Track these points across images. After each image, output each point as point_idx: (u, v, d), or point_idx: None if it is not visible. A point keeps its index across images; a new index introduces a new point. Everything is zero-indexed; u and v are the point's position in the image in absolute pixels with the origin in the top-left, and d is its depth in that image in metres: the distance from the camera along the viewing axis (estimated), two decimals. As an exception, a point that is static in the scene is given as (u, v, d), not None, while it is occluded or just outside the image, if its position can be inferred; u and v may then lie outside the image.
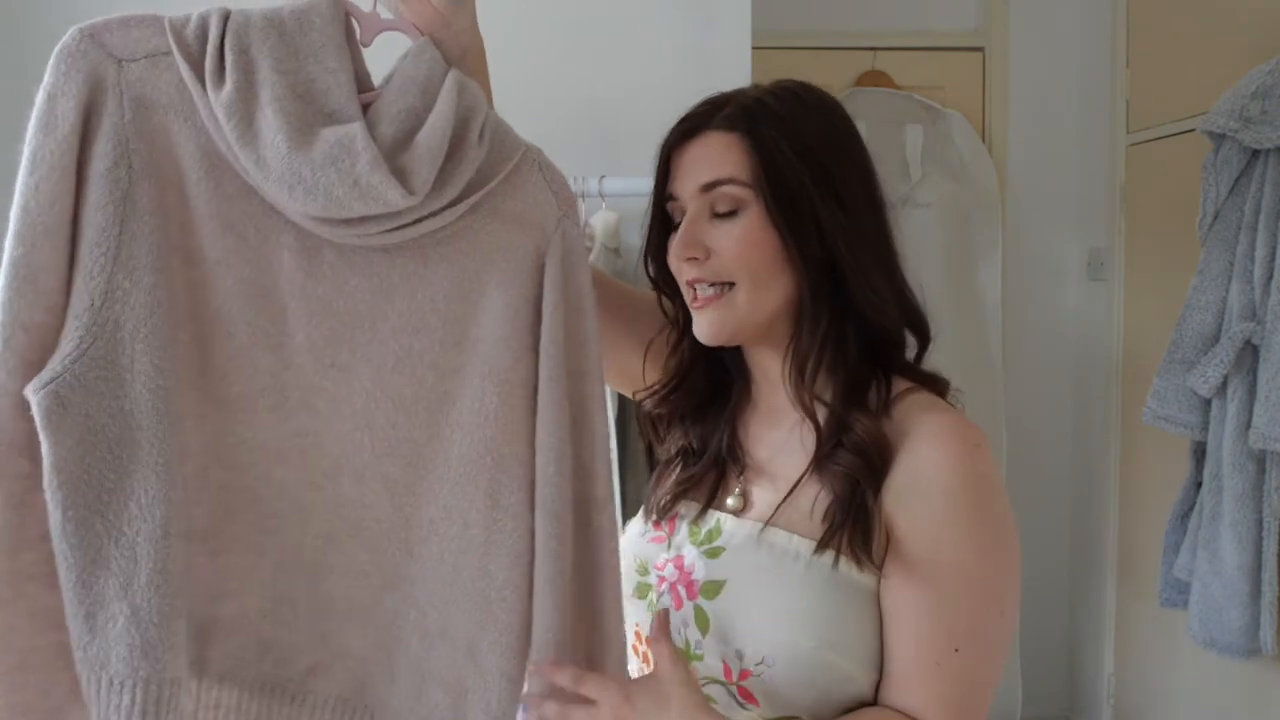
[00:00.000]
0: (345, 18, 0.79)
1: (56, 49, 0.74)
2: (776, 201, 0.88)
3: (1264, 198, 1.78)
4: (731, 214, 0.90)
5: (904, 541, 0.86)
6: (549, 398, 0.83)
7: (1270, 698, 2.07)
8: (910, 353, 0.96)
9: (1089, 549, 2.85)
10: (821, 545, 0.86)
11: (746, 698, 0.88)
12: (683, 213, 0.93)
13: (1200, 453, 1.95)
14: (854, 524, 0.85)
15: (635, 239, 2.00)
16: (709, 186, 0.90)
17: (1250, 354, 1.80)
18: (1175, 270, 2.22)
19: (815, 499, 0.89)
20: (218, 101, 0.73)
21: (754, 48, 2.01)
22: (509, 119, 0.87)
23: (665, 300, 1.00)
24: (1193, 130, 1.98)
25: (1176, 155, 2.39)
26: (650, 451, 1.07)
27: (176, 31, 0.75)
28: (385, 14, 0.84)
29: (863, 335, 0.91)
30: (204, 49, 0.75)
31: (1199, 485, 1.95)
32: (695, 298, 0.92)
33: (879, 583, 0.87)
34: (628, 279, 1.99)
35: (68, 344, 0.72)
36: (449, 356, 0.82)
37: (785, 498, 0.91)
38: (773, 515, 0.91)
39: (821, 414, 0.90)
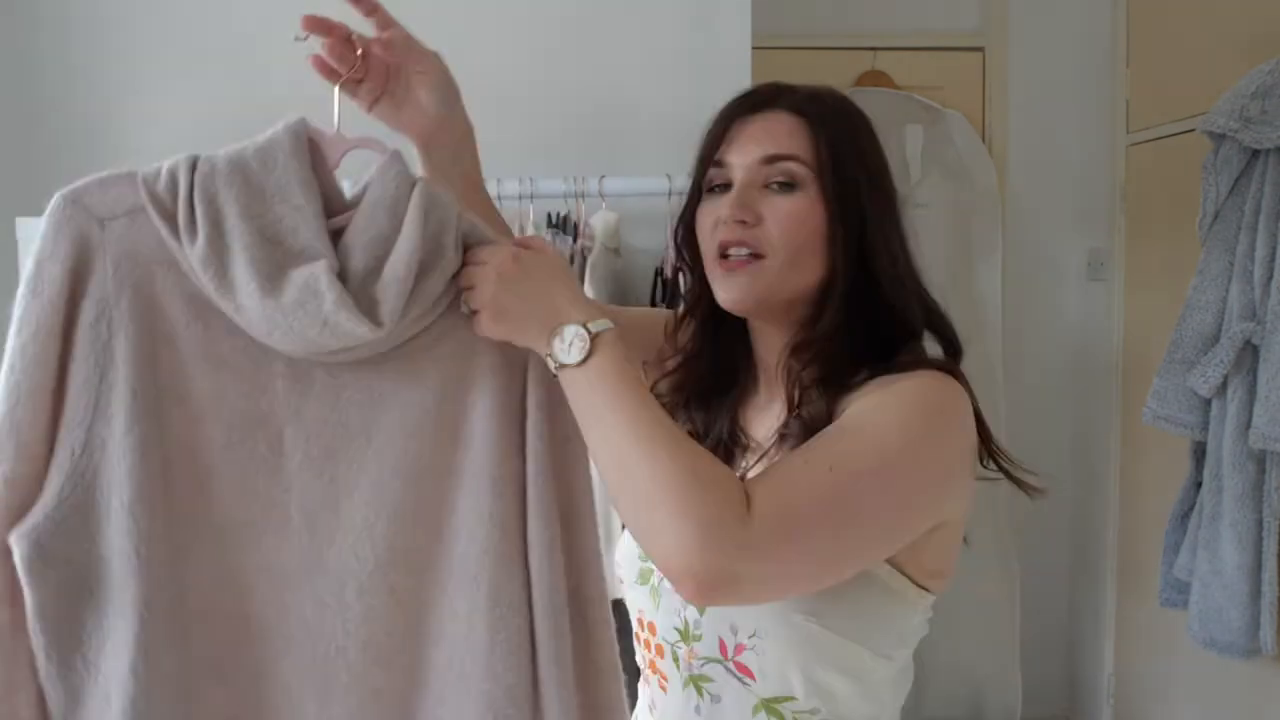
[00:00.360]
0: (308, 146, 0.81)
1: (45, 216, 0.77)
2: (834, 186, 0.92)
3: (1264, 198, 1.78)
4: (787, 189, 0.93)
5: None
6: (538, 495, 0.83)
7: (1270, 698, 2.07)
8: None
9: (1089, 549, 2.86)
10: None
11: (744, 672, 0.90)
12: (725, 181, 0.96)
13: (1200, 453, 1.95)
14: None
15: (635, 239, 2.00)
16: (771, 159, 0.93)
17: (1250, 354, 1.80)
18: (1175, 270, 2.23)
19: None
20: (193, 255, 0.76)
21: (754, 48, 2.01)
22: (511, 120, 0.87)
23: (684, 275, 1.02)
24: (1193, 130, 1.98)
25: (1176, 155, 2.39)
26: None
27: (149, 187, 0.77)
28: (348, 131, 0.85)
29: (871, 329, 0.93)
30: (175, 202, 0.77)
31: (1199, 485, 1.95)
32: (727, 260, 0.94)
33: None
34: (627, 279, 1.99)
35: (49, 492, 0.76)
36: (444, 458, 0.83)
37: (759, 459, 0.93)
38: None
39: (797, 393, 0.93)
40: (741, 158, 0.94)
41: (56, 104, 1.94)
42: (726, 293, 0.94)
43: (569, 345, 0.79)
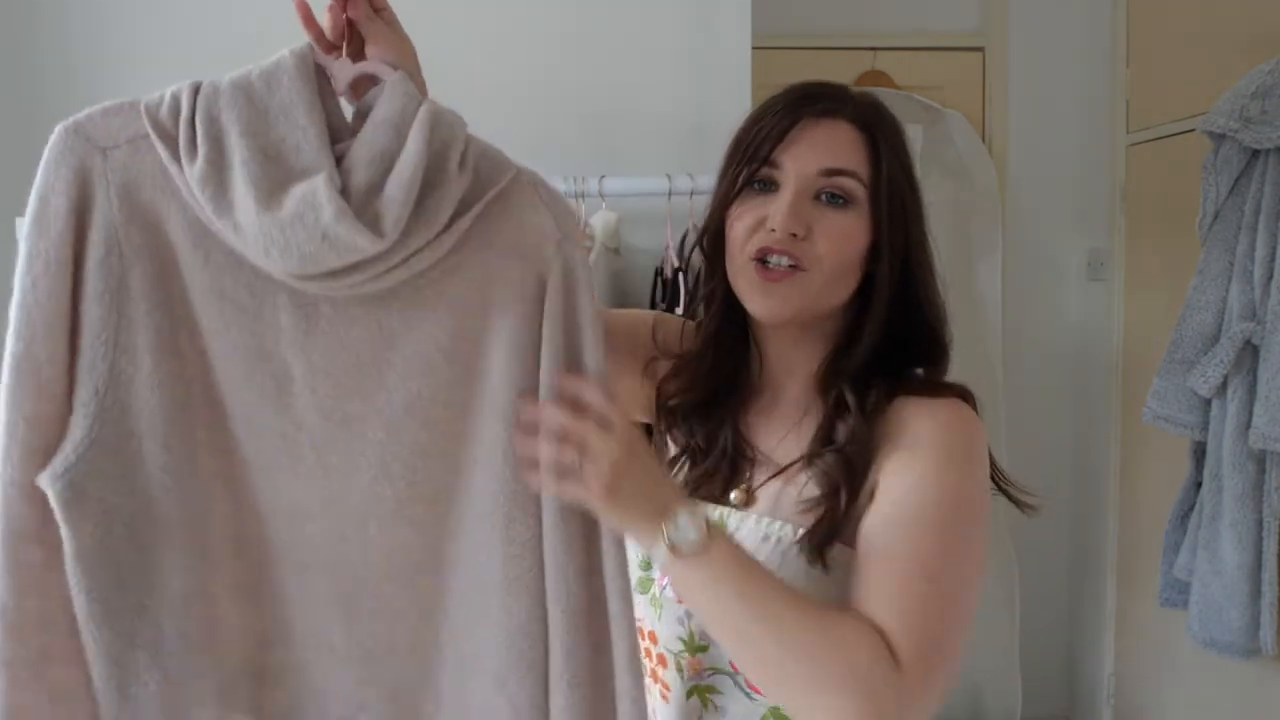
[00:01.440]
0: (314, 71, 0.79)
1: (46, 149, 0.76)
2: (887, 207, 0.92)
3: (1264, 198, 1.78)
4: (840, 206, 0.92)
5: (884, 491, 0.87)
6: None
7: (1270, 698, 2.07)
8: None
9: (1089, 549, 2.85)
10: (804, 540, 0.88)
11: (753, 688, 0.89)
12: (774, 182, 0.93)
13: (1200, 453, 1.95)
14: (822, 529, 0.87)
15: (635, 239, 2.00)
16: (831, 172, 0.91)
17: (1250, 354, 1.80)
18: (1175, 270, 2.23)
19: (804, 487, 0.91)
20: (192, 175, 0.74)
21: (754, 48, 2.01)
22: (510, 120, 0.86)
23: (704, 269, 1.00)
24: (1193, 130, 1.98)
25: (1176, 155, 2.39)
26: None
27: (151, 113, 0.76)
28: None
29: (897, 345, 0.94)
30: (178, 125, 0.76)
31: (1199, 485, 1.95)
32: (766, 269, 0.91)
33: (846, 551, 0.88)
34: (628, 279, 1.99)
35: (77, 432, 0.75)
36: (458, 394, 0.81)
37: (774, 475, 0.93)
38: (771, 507, 0.93)
39: (828, 405, 0.93)
40: (799, 164, 0.91)
41: (56, 104, 1.94)
42: (764, 302, 0.92)
43: (683, 531, 0.79)
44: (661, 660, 0.96)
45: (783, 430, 0.97)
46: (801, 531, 0.89)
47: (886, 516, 0.86)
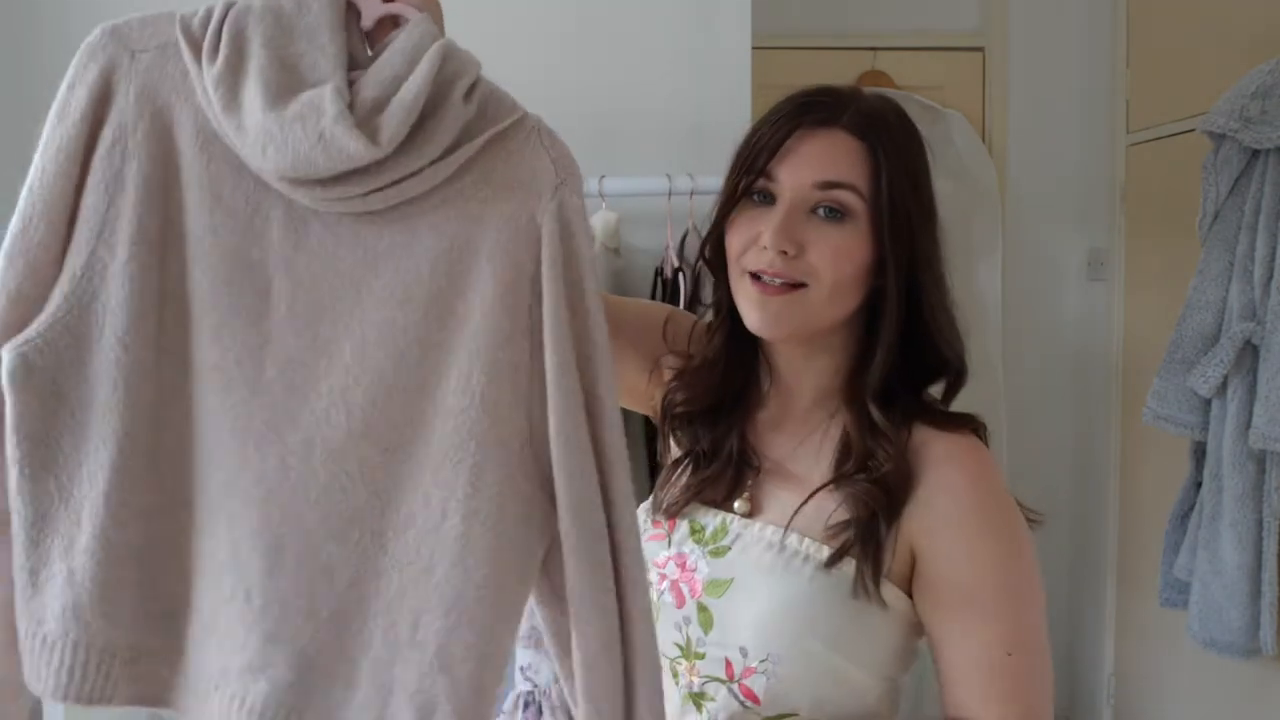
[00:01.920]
0: (343, 3, 0.80)
1: (83, 44, 0.80)
2: (888, 220, 0.88)
3: (1264, 198, 1.78)
4: (836, 220, 0.88)
5: (935, 568, 0.88)
6: (562, 385, 0.77)
7: (1270, 698, 2.07)
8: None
9: (1089, 549, 2.85)
10: (831, 564, 0.88)
11: (748, 696, 0.89)
12: (772, 194, 0.91)
13: (1200, 453, 1.95)
14: (865, 554, 0.87)
15: (635, 239, 2.00)
16: (826, 185, 0.88)
17: (1250, 354, 1.80)
18: (1175, 270, 2.22)
19: (832, 511, 0.90)
20: (209, 74, 0.76)
21: (754, 48, 2.01)
22: None
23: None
24: (1193, 130, 1.98)
25: (1176, 155, 2.39)
26: (650, 458, 1.07)
27: (184, 22, 0.79)
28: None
29: (912, 363, 0.93)
30: (205, 32, 0.78)
31: (1199, 485, 1.95)
32: (760, 283, 0.90)
33: (898, 597, 0.89)
34: (628, 279, 1.99)
35: (45, 312, 0.77)
36: (433, 332, 0.78)
37: (799, 508, 0.91)
38: (790, 519, 0.91)
39: (860, 427, 0.91)
40: (793, 177, 0.89)
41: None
42: (760, 317, 0.90)
43: None
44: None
45: (794, 441, 0.96)
46: (827, 551, 0.88)
47: (949, 601, 0.88)
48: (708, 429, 0.98)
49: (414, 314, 0.78)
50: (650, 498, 1.03)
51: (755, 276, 0.90)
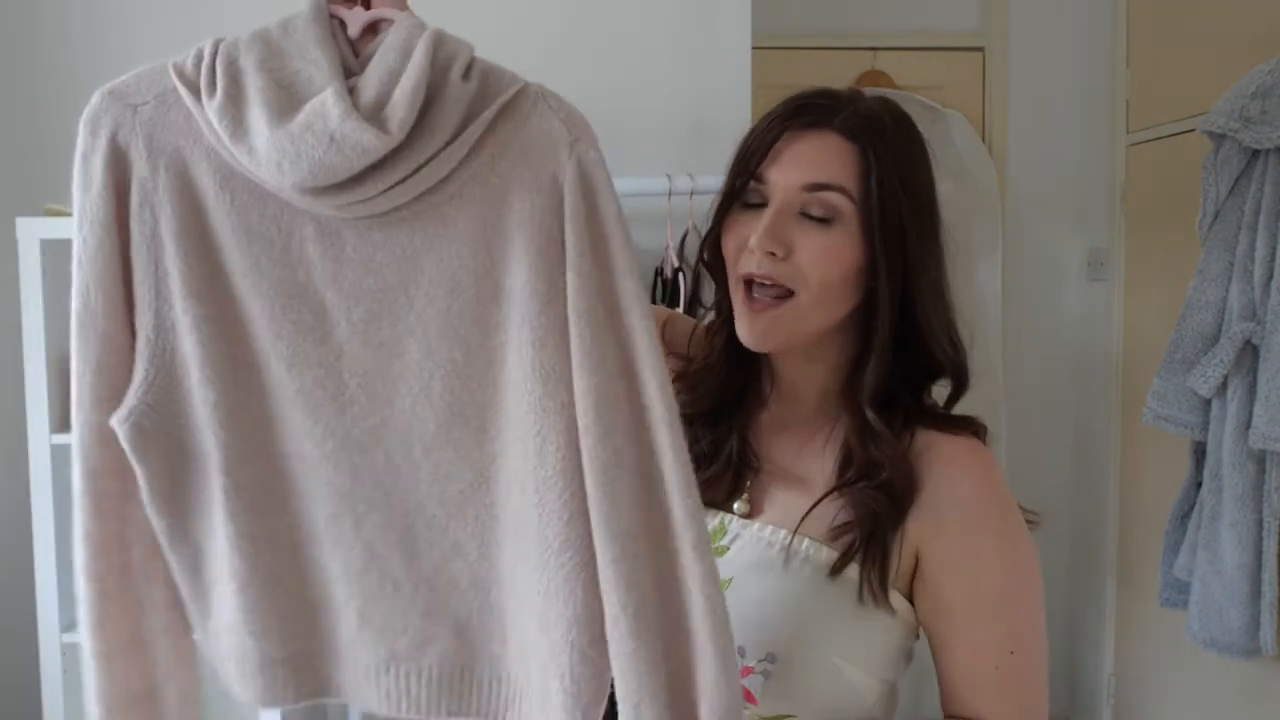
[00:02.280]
0: (327, 17, 0.82)
1: (85, 112, 0.81)
2: (878, 222, 0.87)
3: (1264, 198, 1.78)
4: (825, 222, 0.88)
5: (938, 571, 0.88)
6: (580, 338, 0.77)
7: (1270, 698, 2.07)
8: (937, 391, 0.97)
9: (1089, 549, 2.85)
10: (837, 569, 0.87)
11: (745, 696, 0.88)
12: (763, 197, 0.91)
13: (1200, 453, 1.95)
14: (870, 559, 0.87)
15: (635, 239, 1.99)
16: (814, 187, 0.88)
17: (1250, 354, 1.80)
18: (1175, 270, 2.23)
19: (835, 514, 0.90)
20: (210, 108, 0.77)
21: (754, 48, 2.01)
22: None
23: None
24: (1193, 130, 1.98)
25: (1176, 155, 2.39)
26: None
27: (178, 67, 0.80)
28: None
29: (908, 367, 0.93)
30: (199, 71, 0.80)
31: (1199, 485, 1.95)
32: (751, 298, 0.90)
33: (900, 600, 0.89)
34: (628, 279, 1.99)
35: (137, 377, 0.81)
36: (489, 311, 0.80)
37: (808, 512, 0.91)
38: (799, 525, 0.91)
39: (859, 432, 0.91)
40: (783, 178, 0.89)
41: (56, 104, 1.94)
42: (749, 330, 0.91)
43: None
44: None
45: (798, 444, 0.96)
46: (828, 552, 0.88)
47: (952, 605, 0.88)
48: (709, 430, 0.99)
49: (466, 299, 0.80)
50: None
51: (748, 287, 0.90)
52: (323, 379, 0.82)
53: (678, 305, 1.79)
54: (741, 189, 0.92)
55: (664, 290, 1.87)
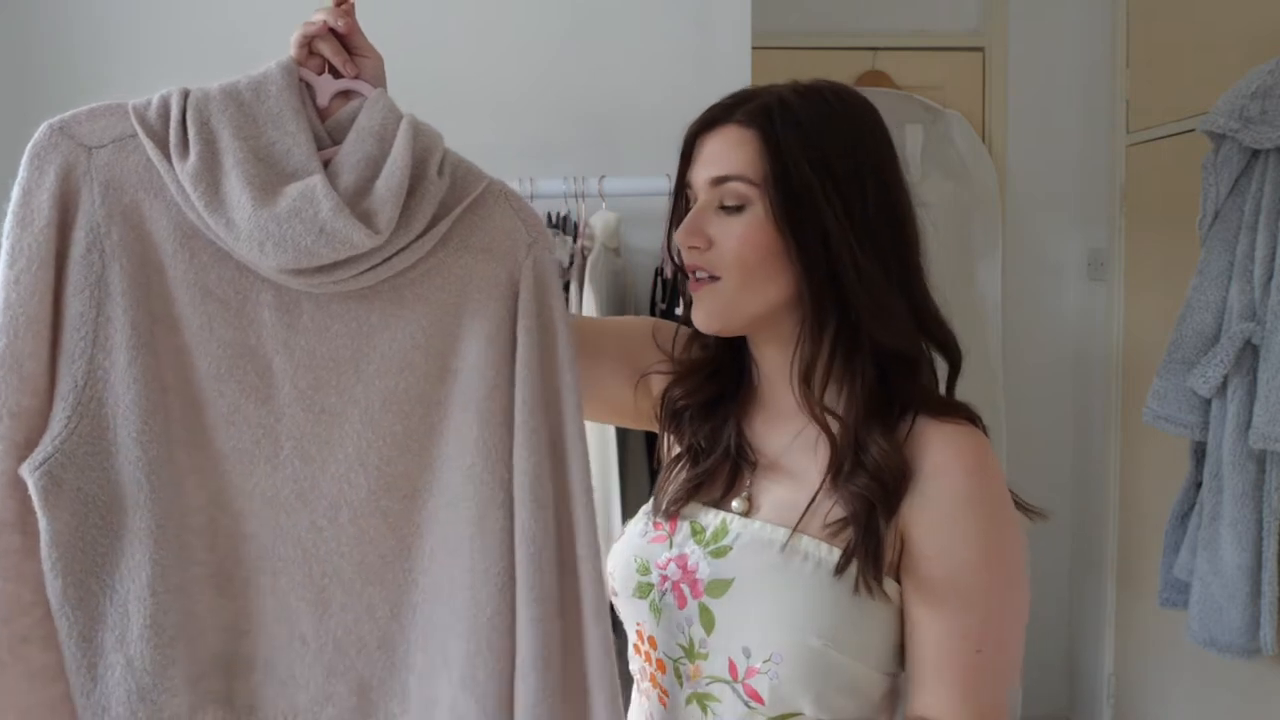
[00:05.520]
0: (299, 84, 0.83)
1: (29, 146, 0.77)
2: (781, 204, 0.88)
3: (1264, 198, 1.78)
4: (737, 210, 0.91)
5: (920, 551, 0.87)
6: (525, 424, 0.84)
7: (1270, 698, 2.07)
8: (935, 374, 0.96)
9: (1089, 549, 2.86)
10: (841, 568, 0.87)
11: (752, 696, 0.89)
12: (693, 199, 0.95)
13: (1200, 453, 1.95)
14: (866, 552, 0.87)
15: (635, 239, 2.00)
16: (719, 180, 0.91)
17: (1250, 354, 1.80)
18: (1175, 270, 2.23)
19: (829, 510, 0.89)
20: (184, 172, 0.77)
21: (754, 48, 2.01)
22: (511, 119, 0.88)
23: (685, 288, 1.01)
24: (1193, 130, 1.98)
25: (1176, 155, 2.39)
26: (650, 454, 1.08)
27: (139, 114, 0.79)
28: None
29: (878, 350, 0.90)
30: (167, 127, 0.78)
31: (1199, 485, 1.95)
32: (694, 281, 0.94)
33: (892, 584, 0.88)
34: (627, 278, 1.99)
35: (56, 424, 0.78)
36: (433, 390, 0.85)
37: (806, 509, 0.91)
38: (798, 523, 0.91)
39: (835, 426, 0.90)
40: (698, 178, 0.93)
41: (56, 104, 1.94)
42: (695, 317, 0.94)
43: None
44: (660, 666, 0.96)
45: (789, 436, 0.95)
46: (838, 553, 0.88)
47: (928, 586, 0.87)
48: (705, 423, 0.99)
49: (414, 377, 0.85)
50: (651, 499, 1.03)
51: (690, 277, 0.94)
52: (259, 439, 0.84)
53: (677, 305, 1.79)
54: (679, 196, 0.97)
55: (663, 290, 1.87)
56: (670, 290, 1.84)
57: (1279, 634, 1.79)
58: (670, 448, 1.04)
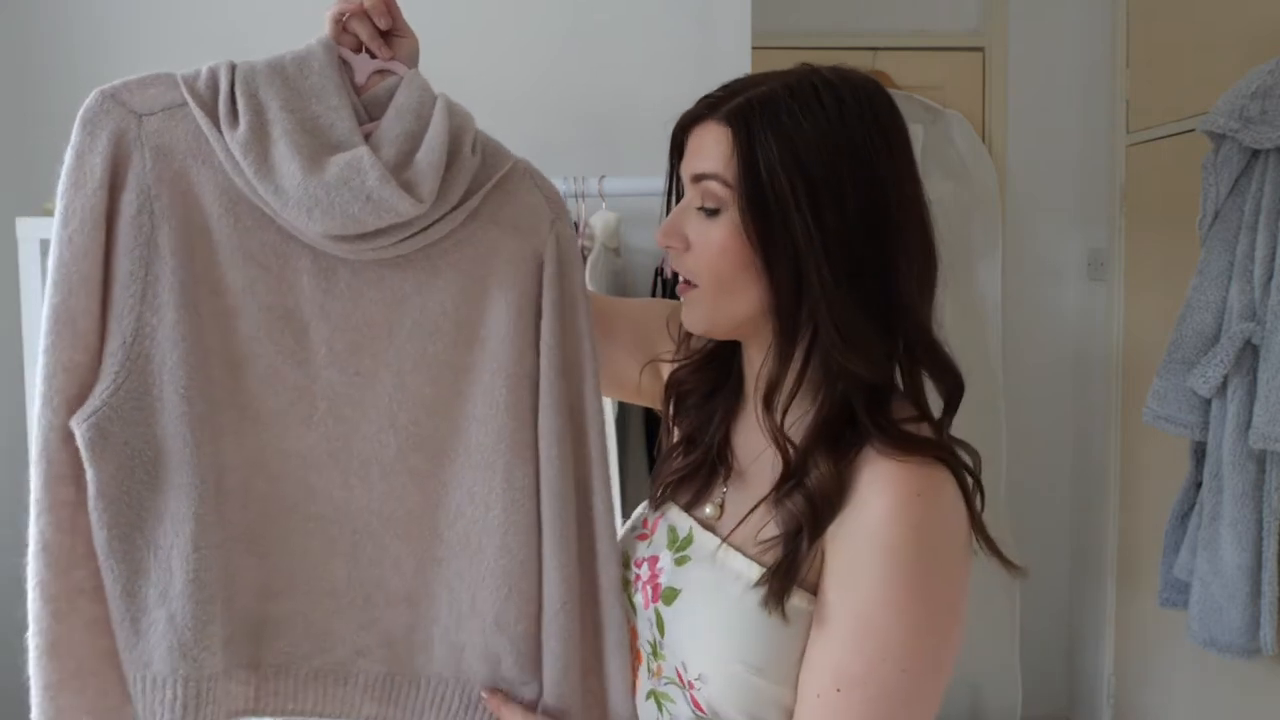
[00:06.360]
0: (339, 61, 0.87)
1: (80, 112, 0.81)
2: (749, 212, 0.81)
3: (1264, 198, 1.78)
4: (714, 213, 0.85)
5: (828, 572, 0.82)
6: (549, 388, 0.90)
7: (1270, 698, 2.07)
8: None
9: (1089, 549, 2.86)
10: (760, 582, 0.83)
11: (696, 706, 0.87)
12: (681, 193, 0.91)
13: (1200, 453, 1.95)
14: (777, 569, 0.82)
15: (635, 239, 2.00)
16: (696, 178, 0.86)
17: (1250, 354, 1.80)
18: (1175, 270, 2.23)
19: (764, 525, 0.85)
20: (234, 141, 0.80)
21: (754, 48, 2.01)
22: (511, 119, 0.90)
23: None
24: (1193, 130, 1.98)
25: (1176, 155, 2.39)
26: (650, 447, 1.07)
27: (189, 84, 0.83)
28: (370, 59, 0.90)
29: (848, 373, 0.82)
30: (215, 98, 0.82)
31: (1199, 485, 1.95)
32: (681, 283, 0.91)
33: (796, 607, 0.83)
34: (627, 278, 1.99)
35: (105, 379, 0.81)
36: (462, 356, 0.90)
37: (739, 523, 0.88)
38: (728, 535, 0.88)
39: (791, 448, 0.85)
40: (684, 173, 0.89)
41: (57, 105, 1.94)
42: (683, 315, 0.92)
43: None
44: (638, 656, 0.95)
45: (761, 444, 0.90)
46: (758, 570, 0.84)
47: (822, 609, 0.81)
48: (702, 413, 0.98)
49: (444, 343, 0.90)
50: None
51: (676, 278, 0.92)
52: (295, 400, 0.88)
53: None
54: (671, 188, 0.93)
55: (663, 290, 1.87)
56: (670, 290, 1.84)
57: (1279, 634, 1.79)
58: (672, 432, 1.04)
